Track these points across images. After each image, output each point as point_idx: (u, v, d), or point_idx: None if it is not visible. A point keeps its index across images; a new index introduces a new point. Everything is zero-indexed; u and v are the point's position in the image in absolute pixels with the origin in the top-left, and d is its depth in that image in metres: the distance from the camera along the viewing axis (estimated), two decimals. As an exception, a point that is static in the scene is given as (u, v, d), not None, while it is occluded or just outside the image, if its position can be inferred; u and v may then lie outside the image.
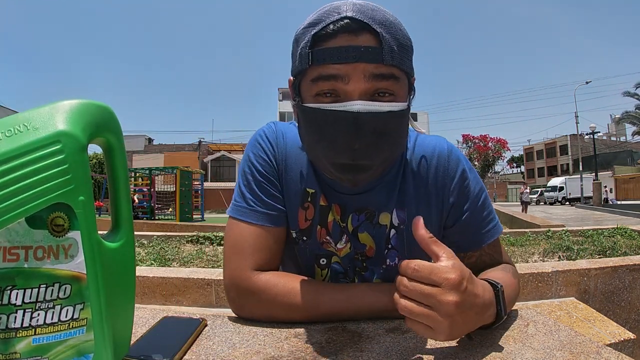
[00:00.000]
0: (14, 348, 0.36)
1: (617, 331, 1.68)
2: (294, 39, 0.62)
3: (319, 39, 0.56)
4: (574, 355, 0.48)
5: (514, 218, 8.28)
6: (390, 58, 0.55)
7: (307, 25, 0.58)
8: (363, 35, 0.55)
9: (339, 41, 0.55)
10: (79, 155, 0.37)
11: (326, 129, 0.57)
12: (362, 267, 0.73)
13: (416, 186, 0.71)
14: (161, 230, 7.27)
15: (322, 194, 0.70)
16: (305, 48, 0.57)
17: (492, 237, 0.72)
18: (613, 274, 2.17)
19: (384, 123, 0.56)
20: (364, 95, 0.55)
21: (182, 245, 4.34)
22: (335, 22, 0.55)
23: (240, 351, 0.51)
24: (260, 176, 0.69)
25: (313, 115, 0.58)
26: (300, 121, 0.63)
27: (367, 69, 0.54)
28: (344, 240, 0.71)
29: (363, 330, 0.58)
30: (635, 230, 4.51)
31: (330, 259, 0.73)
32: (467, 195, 0.71)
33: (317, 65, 0.56)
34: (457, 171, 0.71)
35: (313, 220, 0.71)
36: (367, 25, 0.54)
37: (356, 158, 0.57)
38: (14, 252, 0.36)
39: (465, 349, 0.51)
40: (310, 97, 0.59)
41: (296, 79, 0.61)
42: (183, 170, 14.05)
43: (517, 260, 3.33)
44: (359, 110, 0.54)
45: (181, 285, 2.16)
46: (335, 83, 0.55)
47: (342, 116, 0.55)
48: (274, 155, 0.71)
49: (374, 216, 0.70)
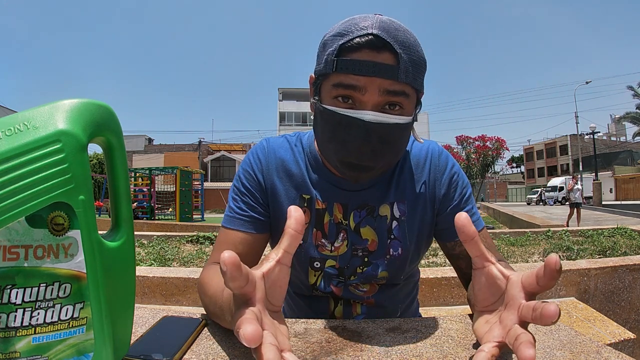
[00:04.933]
0: (13, 347, 0.36)
1: (617, 331, 1.68)
2: (322, 42, 0.67)
3: (344, 50, 0.62)
4: (574, 355, 0.48)
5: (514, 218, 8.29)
6: (405, 77, 0.61)
7: (335, 34, 0.64)
8: (384, 53, 0.61)
9: (362, 55, 0.61)
10: (79, 154, 0.37)
11: (339, 130, 0.64)
12: (363, 263, 0.76)
13: (412, 182, 0.78)
14: (161, 230, 7.27)
15: (318, 198, 0.76)
16: (331, 55, 0.63)
17: (479, 226, 0.77)
18: (613, 274, 2.17)
19: (389, 133, 0.64)
20: (376, 106, 0.62)
21: (182, 245, 4.34)
22: (361, 37, 0.61)
23: (240, 351, 0.51)
24: (244, 188, 0.77)
25: (329, 116, 0.65)
26: (317, 117, 0.70)
27: (383, 85, 0.61)
28: (341, 239, 0.76)
29: (363, 330, 0.58)
30: (635, 230, 4.51)
31: (324, 263, 0.77)
32: (456, 186, 0.78)
33: (340, 73, 0.62)
34: (446, 167, 0.79)
35: (309, 224, 0.76)
36: (388, 44, 0.60)
37: (361, 160, 0.64)
38: (14, 251, 0.36)
39: (465, 348, 0.51)
40: (329, 98, 0.65)
41: (318, 80, 0.68)
42: (183, 170, 14.05)
43: (517, 260, 3.33)
44: (370, 120, 0.61)
45: (181, 285, 2.16)
46: (353, 92, 0.62)
47: (354, 122, 0.62)
48: (260, 170, 0.78)
49: (374, 210, 0.76)
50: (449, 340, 0.54)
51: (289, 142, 0.81)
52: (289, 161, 0.78)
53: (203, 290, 0.65)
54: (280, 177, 0.77)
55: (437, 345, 0.52)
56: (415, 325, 0.60)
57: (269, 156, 0.79)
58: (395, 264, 0.76)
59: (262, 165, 0.78)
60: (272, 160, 0.78)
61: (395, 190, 0.76)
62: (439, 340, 0.54)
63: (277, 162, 0.78)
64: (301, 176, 0.77)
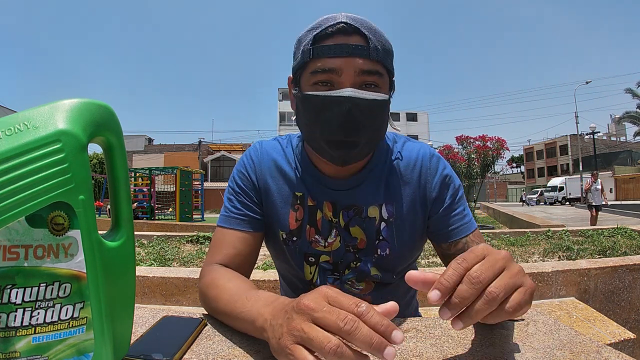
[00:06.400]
0: (13, 347, 0.36)
1: (617, 331, 1.68)
2: (297, 40, 0.73)
3: (319, 39, 0.68)
4: (574, 355, 0.48)
5: (514, 218, 8.28)
6: (376, 55, 0.67)
7: (308, 29, 0.70)
8: (354, 36, 0.67)
9: (335, 40, 0.67)
10: (79, 154, 0.37)
11: (322, 111, 0.68)
12: (355, 259, 0.78)
13: (403, 184, 0.79)
14: (161, 230, 7.27)
15: (309, 195, 0.78)
16: (307, 45, 0.69)
17: (471, 228, 0.78)
18: (613, 274, 2.17)
19: (369, 108, 0.68)
20: (353, 86, 0.67)
21: (182, 245, 4.34)
22: (333, 26, 0.67)
23: (240, 350, 0.51)
24: (238, 188, 0.80)
25: (312, 100, 0.69)
26: (299, 109, 0.73)
27: (358, 65, 0.66)
28: (334, 235, 0.78)
29: (363, 330, 0.58)
30: (635, 230, 4.51)
31: (318, 258, 0.79)
32: (447, 189, 0.79)
33: (317, 59, 0.68)
34: (438, 169, 0.80)
35: (302, 220, 0.78)
36: (357, 29, 0.67)
37: (347, 135, 0.68)
38: (14, 250, 0.36)
39: (465, 348, 0.51)
40: (308, 86, 0.70)
41: (296, 74, 0.73)
42: (183, 170, 14.05)
43: (517, 260, 3.32)
44: (349, 95, 0.66)
45: (181, 285, 2.16)
46: (331, 75, 0.67)
47: (335, 100, 0.67)
48: (253, 171, 0.81)
49: (362, 211, 0.77)
50: (449, 340, 0.54)
51: (280, 144, 0.85)
52: (281, 161, 0.81)
53: (214, 292, 0.63)
54: (273, 176, 0.81)
55: (437, 345, 0.52)
56: (415, 325, 0.60)
57: (262, 157, 0.82)
58: (383, 264, 0.78)
59: (255, 167, 0.81)
60: (265, 162, 0.82)
61: (385, 191, 0.78)
62: (439, 340, 0.54)
63: (269, 163, 0.82)
64: (293, 174, 0.80)
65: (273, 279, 2.13)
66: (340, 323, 0.38)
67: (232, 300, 0.58)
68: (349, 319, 0.38)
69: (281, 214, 0.79)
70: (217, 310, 0.62)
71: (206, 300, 0.66)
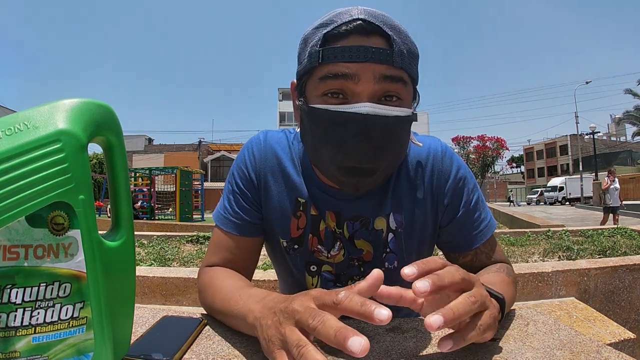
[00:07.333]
0: (13, 347, 0.36)
1: (617, 331, 1.68)
2: (302, 39, 0.61)
3: (330, 38, 0.56)
4: (574, 355, 0.48)
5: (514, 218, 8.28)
6: (400, 60, 0.55)
7: (317, 26, 0.58)
8: (374, 37, 0.55)
9: (350, 41, 0.55)
10: (79, 154, 0.37)
11: (334, 130, 0.56)
12: (359, 273, 0.73)
13: (411, 189, 0.70)
14: (161, 230, 7.26)
15: (313, 204, 0.71)
16: (315, 46, 0.57)
17: (485, 236, 0.71)
18: (613, 274, 2.17)
19: (390, 127, 0.56)
20: (372, 97, 0.55)
21: (182, 245, 4.33)
22: (348, 23, 0.55)
23: (240, 350, 0.51)
24: (237, 188, 0.73)
25: (320, 116, 0.57)
26: (304, 123, 0.62)
27: (378, 70, 0.54)
28: (337, 248, 0.72)
29: (363, 330, 0.58)
30: (635, 230, 4.50)
31: (320, 267, 0.74)
32: (461, 196, 0.71)
33: (327, 64, 0.55)
34: (451, 172, 0.71)
35: (305, 228, 0.72)
36: (378, 28, 0.55)
37: (362, 162, 0.57)
38: (13, 250, 0.36)
39: (465, 348, 0.51)
40: (316, 97, 0.58)
41: (301, 80, 0.61)
42: (183, 170, 14.04)
43: (517, 260, 3.32)
44: (368, 112, 0.54)
45: (181, 285, 2.16)
46: (345, 82, 0.55)
47: (350, 118, 0.55)
48: (254, 169, 0.72)
49: (369, 223, 0.70)
50: (449, 340, 0.53)
51: (287, 138, 0.75)
52: (285, 161, 0.72)
53: (211, 291, 0.63)
54: (275, 177, 0.72)
55: (437, 345, 0.52)
56: (415, 325, 0.59)
57: (265, 153, 0.73)
58: (391, 277, 0.70)
59: (256, 163, 0.73)
60: (268, 159, 0.73)
61: (392, 201, 0.70)
62: (439, 340, 0.54)
63: (272, 161, 0.72)
64: (296, 177, 0.72)
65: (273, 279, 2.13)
66: (310, 321, 0.37)
67: (226, 299, 0.57)
68: (315, 315, 0.37)
69: (282, 220, 0.72)
70: (213, 309, 0.61)
71: (204, 299, 0.66)
